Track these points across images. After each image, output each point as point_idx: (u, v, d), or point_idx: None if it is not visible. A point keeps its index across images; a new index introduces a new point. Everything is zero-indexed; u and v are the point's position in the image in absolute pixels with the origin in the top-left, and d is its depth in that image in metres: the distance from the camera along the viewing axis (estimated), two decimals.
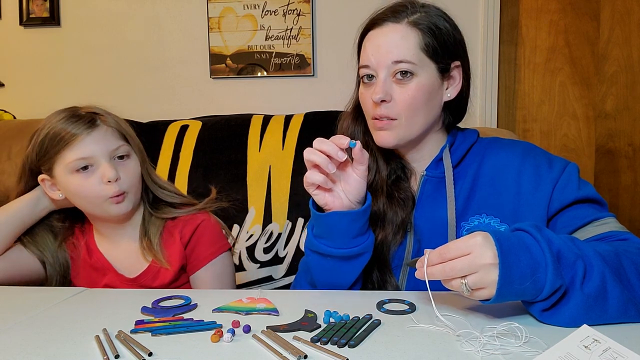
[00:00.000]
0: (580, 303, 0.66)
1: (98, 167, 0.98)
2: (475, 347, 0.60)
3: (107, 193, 0.98)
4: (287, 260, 1.55)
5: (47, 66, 2.34)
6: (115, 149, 1.00)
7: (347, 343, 0.62)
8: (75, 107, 1.03)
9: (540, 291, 0.65)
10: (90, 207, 1.01)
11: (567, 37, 2.22)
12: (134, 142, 1.06)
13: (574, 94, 2.25)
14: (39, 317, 0.75)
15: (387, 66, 0.87)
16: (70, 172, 0.97)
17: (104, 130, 1.00)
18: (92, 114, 1.01)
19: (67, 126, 0.97)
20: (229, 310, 0.76)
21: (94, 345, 0.63)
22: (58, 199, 1.02)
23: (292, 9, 2.21)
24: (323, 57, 2.21)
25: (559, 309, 0.67)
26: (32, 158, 1.01)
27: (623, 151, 2.25)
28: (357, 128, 1.00)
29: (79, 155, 0.96)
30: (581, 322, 0.63)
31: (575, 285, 0.67)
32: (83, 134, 0.97)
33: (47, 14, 2.31)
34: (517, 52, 2.23)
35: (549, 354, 0.55)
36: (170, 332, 0.67)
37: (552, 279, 0.65)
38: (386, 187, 0.95)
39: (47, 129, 0.99)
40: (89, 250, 1.08)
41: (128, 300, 0.82)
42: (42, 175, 1.02)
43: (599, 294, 0.67)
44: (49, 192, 1.02)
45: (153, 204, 1.10)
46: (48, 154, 0.98)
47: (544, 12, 2.22)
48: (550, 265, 0.65)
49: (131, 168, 1.02)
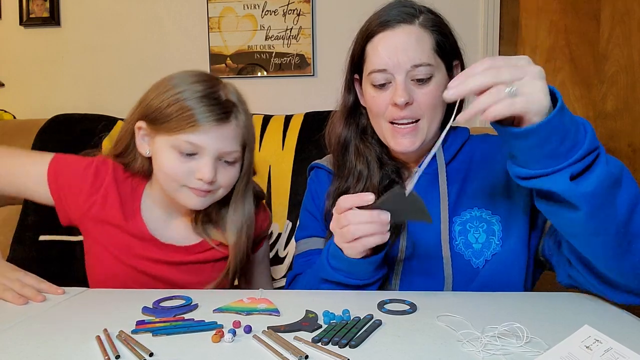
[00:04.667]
0: (602, 176, 0.65)
1: (201, 158, 0.91)
2: (476, 348, 0.60)
3: (192, 185, 0.92)
4: (287, 261, 1.55)
5: (47, 66, 2.34)
6: (228, 153, 0.93)
7: (348, 343, 0.62)
8: (217, 84, 0.93)
9: (582, 142, 0.65)
10: (167, 184, 0.94)
11: (567, 37, 2.22)
12: (250, 147, 0.99)
13: (574, 94, 2.25)
14: (40, 317, 0.75)
15: (406, 69, 0.87)
16: (173, 148, 0.90)
17: (231, 129, 0.92)
18: (232, 104, 0.93)
19: (200, 107, 0.88)
20: (229, 310, 0.76)
21: (95, 346, 0.63)
22: (141, 154, 0.96)
23: (292, 9, 2.21)
24: (323, 57, 2.21)
25: (586, 178, 0.65)
26: (147, 109, 0.93)
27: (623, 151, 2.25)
28: (350, 133, 1.00)
29: (194, 141, 0.89)
30: (599, 201, 0.65)
31: (601, 158, 0.66)
32: (211, 126, 0.89)
33: (47, 14, 2.31)
34: (517, 52, 2.23)
35: (550, 354, 0.55)
36: (171, 333, 0.67)
37: (591, 137, 0.65)
38: (377, 194, 0.94)
39: (177, 96, 0.89)
40: (126, 214, 0.99)
41: (129, 301, 0.82)
42: (140, 123, 0.94)
43: (617, 179, 0.67)
44: (139, 141, 0.96)
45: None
46: (164, 120, 0.90)
47: (544, 12, 2.22)
48: (587, 126, 0.67)
49: (231, 175, 0.96)
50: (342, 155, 1.00)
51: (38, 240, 1.59)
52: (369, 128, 1.00)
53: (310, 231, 1.06)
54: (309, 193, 1.09)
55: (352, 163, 0.99)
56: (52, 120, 1.77)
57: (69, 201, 1.00)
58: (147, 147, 0.95)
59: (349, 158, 1.00)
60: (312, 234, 1.05)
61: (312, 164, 1.11)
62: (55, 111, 1.83)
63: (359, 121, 1.01)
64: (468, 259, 0.90)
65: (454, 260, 0.90)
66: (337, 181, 1.00)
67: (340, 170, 1.01)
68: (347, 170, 0.99)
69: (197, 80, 0.92)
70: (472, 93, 0.66)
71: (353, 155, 0.99)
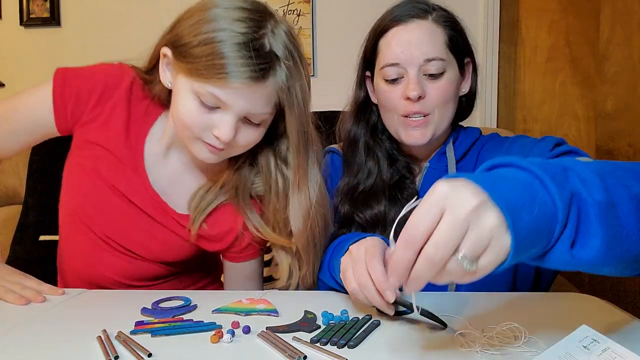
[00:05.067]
0: (600, 212, 0.49)
1: (223, 114, 0.78)
2: (474, 347, 0.60)
3: (207, 140, 0.80)
4: None
5: (47, 66, 2.33)
6: (255, 115, 0.79)
7: (347, 344, 0.62)
8: (265, 25, 0.77)
9: (555, 211, 0.48)
10: (181, 131, 0.83)
11: (567, 37, 2.22)
12: (298, 114, 0.82)
13: (574, 94, 2.25)
14: (39, 318, 0.75)
15: (419, 63, 0.88)
16: (194, 94, 0.77)
17: (267, 88, 0.77)
18: (275, 58, 0.77)
19: (235, 59, 0.73)
20: (228, 311, 0.76)
21: (94, 346, 0.63)
22: (163, 84, 0.85)
23: (292, 9, 2.21)
24: (323, 57, 2.21)
25: (587, 230, 0.49)
26: (177, 37, 0.80)
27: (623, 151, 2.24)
28: (360, 130, 1.00)
29: (219, 95, 0.75)
30: (612, 244, 0.49)
31: (581, 195, 0.50)
32: (242, 82, 0.74)
33: (47, 14, 2.31)
34: (517, 51, 2.23)
35: (549, 354, 0.55)
36: (170, 333, 0.67)
37: (557, 189, 0.48)
38: (388, 190, 0.95)
39: (213, 35, 0.74)
40: (129, 136, 0.90)
41: (128, 301, 0.82)
42: (166, 49, 0.82)
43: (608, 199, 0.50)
44: (162, 68, 0.84)
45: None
46: (190, 59, 0.76)
47: (544, 11, 2.21)
48: (544, 177, 0.49)
49: (253, 136, 0.82)
50: (352, 152, 1.00)
51: (38, 240, 1.59)
52: (379, 125, 1.00)
53: None
54: (324, 175, 1.08)
55: (361, 159, 0.99)
56: None
57: (75, 111, 0.90)
58: (169, 77, 0.84)
59: (358, 154, 0.99)
60: None
61: (328, 148, 1.10)
62: None
63: (370, 118, 1.01)
64: None
65: None
66: (346, 177, 1.00)
67: (349, 166, 1.00)
68: (357, 167, 0.99)
69: (242, 17, 0.75)
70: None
71: (363, 151, 0.99)
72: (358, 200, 0.96)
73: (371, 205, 0.95)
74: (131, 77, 0.91)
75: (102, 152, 0.91)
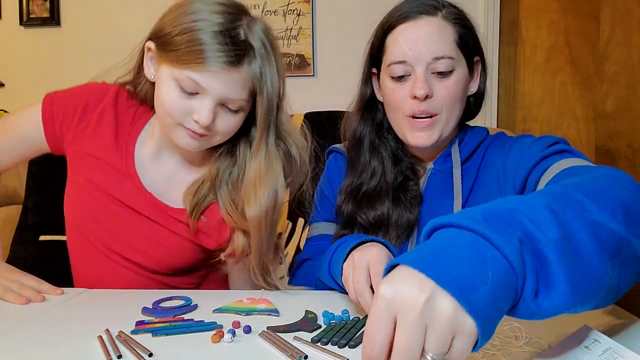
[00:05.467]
0: (557, 250, 0.45)
1: (202, 99, 0.82)
2: None
3: (188, 125, 0.84)
4: (288, 260, 1.55)
5: (47, 66, 2.34)
6: (232, 100, 0.84)
7: (348, 343, 0.62)
8: (241, 17, 0.83)
9: (509, 266, 0.43)
10: (163, 118, 0.87)
11: (567, 37, 2.22)
12: (266, 97, 0.85)
13: (574, 94, 2.25)
14: (40, 318, 0.75)
15: (427, 61, 0.86)
16: (175, 80, 0.82)
17: (241, 74, 0.82)
18: (249, 46, 0.82)
19: (212, 44, 0.79)
20: (229, 310, 0.76)
21: (95, 346, 0.63)
22: (147, 78, 0.90)
23: (292, 9, 2.21)
24: (323, 57, 2.21)
25: (548, 276, 0.46)
26: (159, 30, 0.85)
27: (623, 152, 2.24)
28: (365, 128, 0.99)
29: (197, 80, 0.80)
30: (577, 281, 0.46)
31: (534, 236, 0.46)
32: (219, 67, 0.79)
33: (47, 14, 2.31)
34: (517, 52, 2.23)
35: (550, 354, 0.55)
36: (171, 333, 0.67)
37: (505, 242, 0.44)
38: (392, 191, 0.94)
39: (192, 25, 0.80)
40: (118, 141, 0.94)
41: (128, 301, 0.82)
42: (150, 43, 0.87)
43: (562, 234, 0.47)
44: (146, 62, 0.89)
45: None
46: (171, 48, 0.82)
47: (544, 12, 2.21)
48: (488, 233, 0.44)
49: (231, 123, 0.87)
50: (357, 151, 0.99)
51: (38, 240, 1.59)
52: (384, 123, 0.99)
53: (323, 215, 1.05)
54: (327, 175, 1.08)
55: (366, 159, 0.97)
56: None
57: (62, 127, 0.95)
58: (152, 71, 0.89)
59: (363, 153, 0.98)
60: (325, 217, 1.05)
61: (331, 148, 1.09)
62: None
63: (375, 116, 0.99)
64: None
65: None
66: (350, 177, 0.99)
67: (354, 166, 0.99)
68: (361, 166, 0.98)
69: (220, 10, 0.82)
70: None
71: (367, 150, 0.98)
72: (361, 201, 0.96)
73: (374, 206, 0.94)
74: (115, 88, 0.97)
75: (94, 162, 0.94)
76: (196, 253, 0.96)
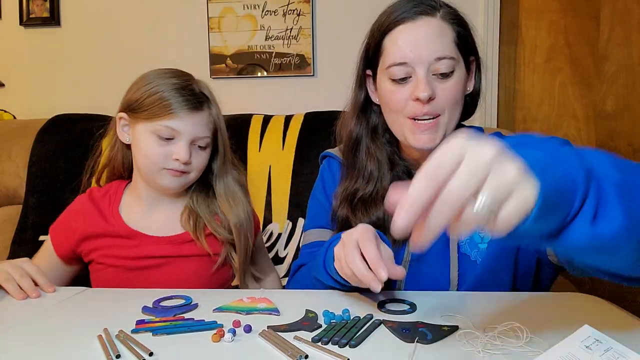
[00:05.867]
0: (618, 191, 0.48)
1: (177, 143, 1.01)
2: (476, 347, 0.60)
3: (170, 166, 1.01)
4: (288, 261, 1.55)
5: (47, 66, 2.34)
6: (201, 138, 1.03)
7: (348, 343, 0.62)
8: (190, 78, 1.06)
9: (577, 177, 0.46)
10: (147, 167, 1.03)
11: (567, 37, 2.22)
12: (222, 133, 1.09)
13: (574, 94, 2.25)
14: (40, 317, 0.75)
15: (429, 62, 0.85)
16: (152, 133, 1.01)
17: (205, 116, 1.04)
18: (204, 96, 1.05)
19: (176, 97, 1.00)
20: (229, 310, 0.76)
21: (95, 345, 0.63)
22: (122, 141, 1.07)
23: (292, 9, 2.21)
24: (323, 57, 2.21)
25: (607, 204, 0.47)
26: (128, 101, 1.04)
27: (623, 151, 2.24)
28: (361, 132, 0.98)
29: (172, 126, 1.00)
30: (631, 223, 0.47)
31: (599, 172, 0.49)
32: (186, 113, 1.00)
33: (47, 14, 2.31)
34: (517, 52, 2.23)
35: (550, 354, 0.55)
36: (171, 332, 0.67)
37: (577, 160, 0.48)
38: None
39: (156, 88, 1.01)
40: (107, 218, 1.08)
41: (129, 300, 0.82)
42: (121, 114, 1.05)
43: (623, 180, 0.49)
44: (119, 131, 1.06)
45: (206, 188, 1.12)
46: (144, 109, 1.01)
47: (544, 12, 2.22)
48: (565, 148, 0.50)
49: (203, 158, 1.06)
50: (353, 155, 0.98)
51: (38, 240, 1.59)
52: (379, 126, 0.98)
53: (318, 222, 1.05)
54: (321, 181, 1.07)
55: (362, 163, 0.96)
56: (52, 120, 1.76)
57: (67, 242, 1.10)
58: (127, 135, 1.06)
59: (359, 158, 0.97)
60: (320, 224, 1.04)
61: (325, 153, 1.09)
62: (55, 111, 1.83)
63: (370, 119, 0.98)
64: (474, 260, 0.89)
65: (460, 262, 0.89)
66: (346, 181, 0.98)
67: (349, 170, 0.99)
68: (357, 171, 0.97)
69: (172, 75, 1.04)
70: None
71: (364, 155, 0.97)
72: (357, 206, 0.95)
73: (370, 212, 0.93)
74: (88, 191, 1.13)
75: (96, 243, 1.07)
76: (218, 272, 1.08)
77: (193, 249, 1.06)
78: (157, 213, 1.09)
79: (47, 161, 1.65)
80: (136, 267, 1.04)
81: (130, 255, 1.04)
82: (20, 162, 1.68)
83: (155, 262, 1.05)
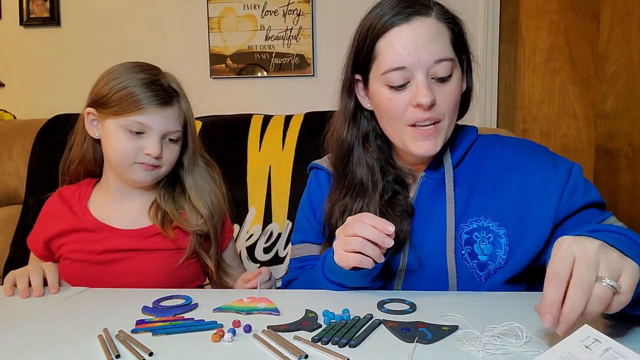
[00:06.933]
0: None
1: (148, 137, 1.00)
2: (476, 347, 0.60)
3: (141, 160, 1.01)
4: (288, 260, 1.55)
5: (47, 66, 2.34)
6: (172, 132, 1.03)
7: (348, 343, 0.62)
8: (158, 72, 1.05)
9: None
10: (118, 162, 1.02)
11: (567, 37, 2.22)
12: (192, 127, 1.09)
13: (574, 94, 2.25)
14: (40, 317, 0.75)
15: (428, 65, 0.81)
16: (122, 128, 1.00)
17: (175, 111, 1.03)
18: (173, 91, 1.04)
19: (145, 92, 0.99)
20: (229, 310, 0.76)
21: (95, 345, 0.63)
22: (91, 136, 1.06)
23: (292, 9, 2.21)
24: (323, 57, 2.21)
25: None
26: (96, 96, 1.03)
27: (622, 151, 2.25)
28: (352, 140, 0.93)
29: (142, 121, 0.99)
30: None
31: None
32: (156, 108, 0.99)
33: (47, 14, 2.31)
34: (517, 52, 2.23)
35: (550, 354, 0.55)
36: (171, 332, 0.67)
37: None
38: (379, 209, 0.89)
39: (125, 83, 1.00)
40: (76, 213, 1.08)
41: (129, 300, 0.82)
42: (89, 109, 1.04)
43: None
44: (88, 126, 1.05)
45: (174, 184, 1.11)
46: (113, 105, 1.00)
47: (544, 12, 2.22)
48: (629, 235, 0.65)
49: (174, 152, 1.06)
50: (345, 165, 0.94)
51: None
52: (371, 132, 0.93)
53: (304, 236, 1.03)
54: (307, 195, 1.05)
55: (354, 174, 0.92)
56: (52, 120, 1.76)
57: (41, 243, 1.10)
58: (96, 130, 1.06)
59: (351, 169, 0.93)
60: (306, 239, 1.02)
61: (312, 164, 1.07)
62: (55, 111, 1.83)
63: (361, 125, 0.94)
64: (472, 271, 0.86)
65: (458, 272, 0.86)
66: (336, 192, 0.94)
67: (339, 181, 0.94)
68: (348, 182, 0.93)
69: (140, 69, 1.03)
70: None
71: (356, 164, 0.92)
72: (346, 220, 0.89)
73: None
74: (56, 191, 1.14)
75: (65, 239, 1.07)
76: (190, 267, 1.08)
77: (159, 242, 1.05)
78: (126, 205, 1.09)
79: (47, 161, 1.65)
80: (101, 261, 1.04)
81: (96, 249, 1.04)
82: (20, 162, 1.68)
83: (120, 255, 1.04)
